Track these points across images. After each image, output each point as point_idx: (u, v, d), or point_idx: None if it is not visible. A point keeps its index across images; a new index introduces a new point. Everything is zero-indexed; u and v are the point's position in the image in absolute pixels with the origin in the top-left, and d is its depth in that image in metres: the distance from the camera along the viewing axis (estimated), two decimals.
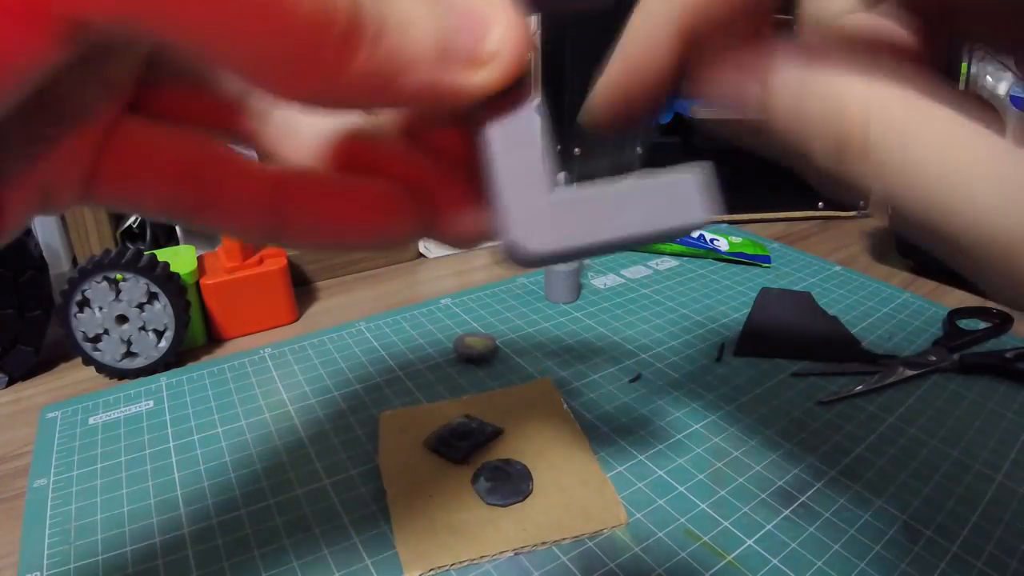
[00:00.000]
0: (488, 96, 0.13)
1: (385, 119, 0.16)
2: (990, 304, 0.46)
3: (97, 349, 0.37)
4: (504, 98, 0.13)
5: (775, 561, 0.25)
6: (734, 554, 0.25)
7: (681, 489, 0.29)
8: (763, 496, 0.28)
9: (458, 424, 0.32)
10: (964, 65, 0.89)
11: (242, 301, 0.42)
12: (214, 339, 0.42)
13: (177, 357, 0.39)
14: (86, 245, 0.48)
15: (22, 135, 0.13)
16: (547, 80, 0.58)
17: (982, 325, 0.42)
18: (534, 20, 0.13)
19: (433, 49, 0.12)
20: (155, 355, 0.38)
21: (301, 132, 0.16)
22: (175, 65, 0.15)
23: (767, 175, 0.67)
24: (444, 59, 0.12)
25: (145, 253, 0.38)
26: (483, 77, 0.12)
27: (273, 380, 0.37)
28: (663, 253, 0.56)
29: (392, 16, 0.11)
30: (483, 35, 0.12)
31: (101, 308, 0.37)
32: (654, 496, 0.28)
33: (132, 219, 0.51)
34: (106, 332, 0.37)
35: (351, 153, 0.16)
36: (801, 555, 0.25)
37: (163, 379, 0.37)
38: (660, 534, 0.26)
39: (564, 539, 0.26)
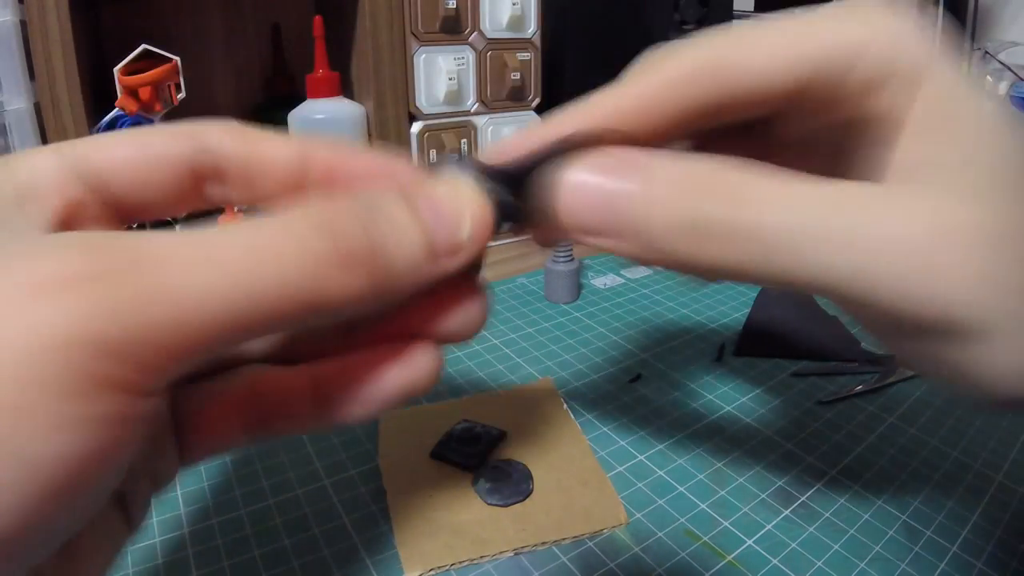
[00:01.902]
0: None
1: None
2: None
3: None
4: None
5: (775, 561, 0.25)
6: (734, 554, 0.25)
7: (681, 489, 0.29)
8: (763, 496, 0.28)
9: (462, 430, 0.32)
10: (964, 65, 0.89)
11: None
12: None
13: None
14: None
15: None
16: (547, 83, 0.58)
17: None
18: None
19: (423, 252, 0.15)
20: None
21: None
22: None
23: None
24: (431, 257, 0.15)
25: None
26: (458, 261, 0.16)
27: None
28: None
29: (386, 238, 0.15)
30: (457, 228, 0.16)
31: None
32: (654, 496, 0.28)
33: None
34: None
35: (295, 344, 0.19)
36: (801, 555, 0.25)
37: None
38: (660, 534, 0.26)
39: (564, 539, 0.26)
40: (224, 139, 0.18)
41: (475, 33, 0.54)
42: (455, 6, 0.52)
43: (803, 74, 0.17)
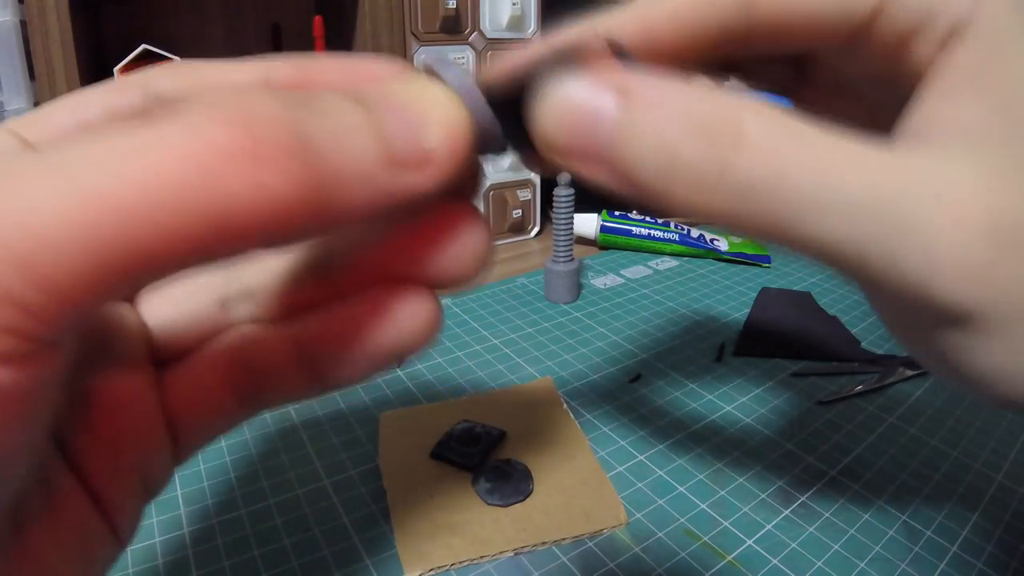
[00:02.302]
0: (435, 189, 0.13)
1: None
2: None
3: None
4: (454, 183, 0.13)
5: (775, 561, 0.25)
6: (734, 554, 0.25)
7: (681, 489, 0.29)
8: (763, 496, 0.28)
9: (462, 430, 0.32)
10: None
11: None
12: None
13: None
14: None
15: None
16: None
17: None
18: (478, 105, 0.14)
19: (375, 158, 0.12)
20: None
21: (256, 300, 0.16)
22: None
23: None
24: (388, 165, 0.12)
25: None
26: (428, 176, 0.12)
27: None
28: (663, 253, 0.56)
29: (323, 132, 0.11)
30: (422, 133, 0.12)
31: None
32: (654, 496, 0.28)
33: None
34: None
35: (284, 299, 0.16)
36: (801, 555, 0.25)
37: None
38: (660, 534, 0.26)
39: (564, 539, 0.26)
40: (175, 79, 0.15)
41: (475, 33, 0.54)
42: (455, 6, 0.52)
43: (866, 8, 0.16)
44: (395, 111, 0.12)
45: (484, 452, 0.30)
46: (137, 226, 0.10)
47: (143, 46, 0.47)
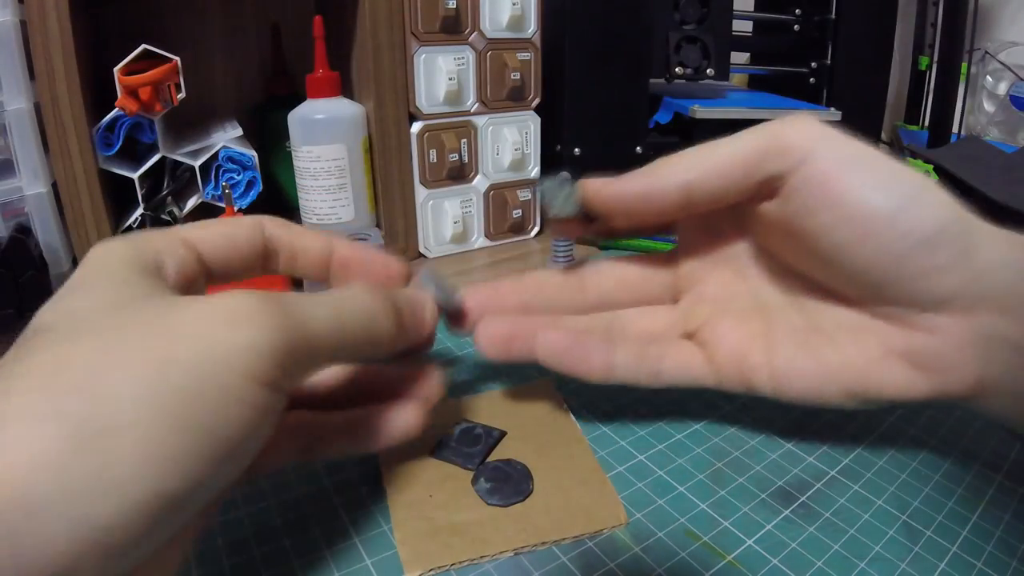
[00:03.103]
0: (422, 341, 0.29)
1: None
2: None
3: None
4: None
5: (775, 561, 0.25)
6: (734, 554, 0.25)
7: (681, 489, 0.29)
8: (763, 496, 0.28)
9: (462, 430, 0.32)
10: (964, 65, 0.89)
11: None
12: None
13: None
14: (86, 245, 0.48)
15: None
16: (547, 83, 0.58)
17: None
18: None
19: (413, 322, 0.27)
20: None
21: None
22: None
23: None
24: (413, 326, 0.27)
25: None
26: (422, 332, 0.28)
27: None
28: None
29: (401, 308, 0.26)
30: (425, 314, 0.28)
31: None
32: (654, 496, 0.28)
33: (132, 219, 0.51)
34: None
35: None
36: (801, 555, 0.25)
37: None
38: (660, 534, 0.26)
39: (564, 539, 0.26)
40: (274, 228, 0.27)
41: (475, 33, 0.54)
42: (455, 6, 0.52)
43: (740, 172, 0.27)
44: (415, 304, 0.28)
45: (484, 452, 0.30)
46: (343, 333, 0.23)
47: (143, 46, 0.47)
